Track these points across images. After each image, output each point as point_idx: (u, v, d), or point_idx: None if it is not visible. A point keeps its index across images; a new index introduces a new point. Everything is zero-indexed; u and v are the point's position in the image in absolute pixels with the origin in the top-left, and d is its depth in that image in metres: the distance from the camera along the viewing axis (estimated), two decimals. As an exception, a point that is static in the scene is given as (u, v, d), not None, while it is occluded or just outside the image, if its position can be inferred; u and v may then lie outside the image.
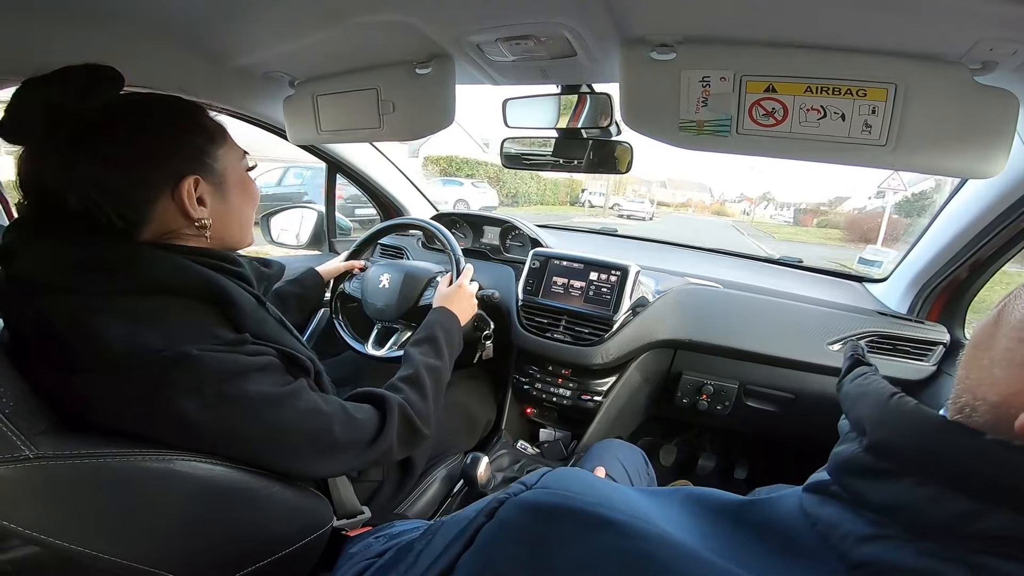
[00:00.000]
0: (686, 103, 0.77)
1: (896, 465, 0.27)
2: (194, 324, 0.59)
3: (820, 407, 1.28)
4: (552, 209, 20.31)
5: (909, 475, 0.26)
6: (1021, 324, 0.27)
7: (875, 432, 0.29)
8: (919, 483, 0.25)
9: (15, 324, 0.58)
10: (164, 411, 0.54)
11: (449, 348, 0.97)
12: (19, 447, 0.46)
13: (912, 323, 1.24)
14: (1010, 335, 0.28)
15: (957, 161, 0.68)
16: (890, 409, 0.28)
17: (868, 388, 0.31)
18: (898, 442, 0.27)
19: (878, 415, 0.29)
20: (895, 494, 0.26)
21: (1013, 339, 0.27)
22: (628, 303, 1.28)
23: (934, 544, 0.24)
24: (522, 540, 0.29)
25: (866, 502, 0.28)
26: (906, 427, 0.27)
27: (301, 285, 1.24)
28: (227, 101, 1.20)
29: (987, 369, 0.28)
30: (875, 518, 0.27)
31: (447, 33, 0.85)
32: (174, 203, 0.61)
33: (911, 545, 0.24)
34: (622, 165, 1.16)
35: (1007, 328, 0.28)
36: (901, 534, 0.25)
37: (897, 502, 0.26)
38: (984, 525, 0.23)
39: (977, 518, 0.23)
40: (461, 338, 1.05)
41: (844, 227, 24.13)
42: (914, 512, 0.25)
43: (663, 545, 0.27)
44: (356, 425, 0.70)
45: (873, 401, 0.30)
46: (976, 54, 0.64)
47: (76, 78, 0.57)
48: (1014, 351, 0.27)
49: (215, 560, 0.62)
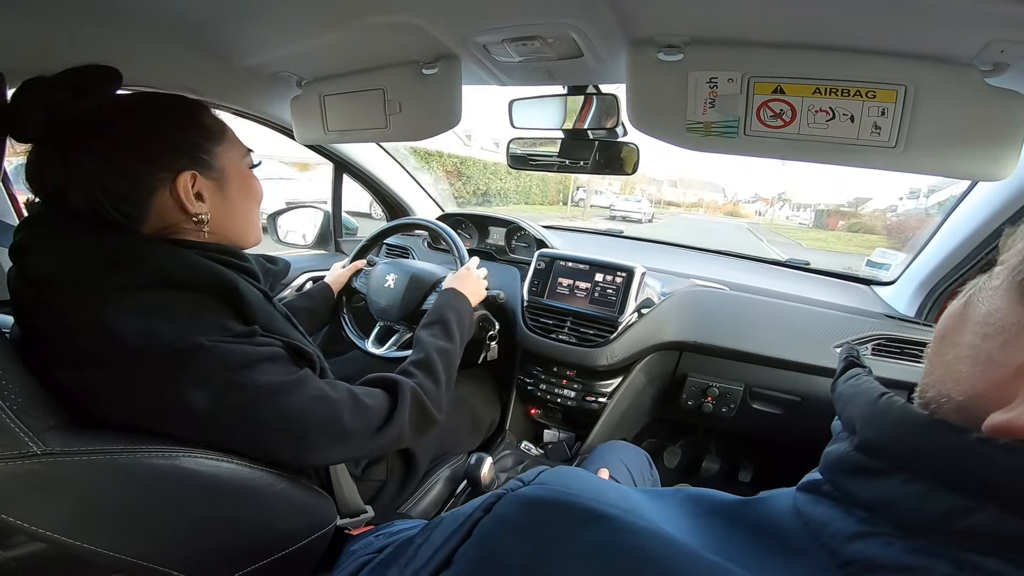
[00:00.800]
0: (693, 104, 0.77)
1: (886, 463, 0.27)
2: (205, 317, 0.60)
3: (826, 410, 1.25)
4: (528, 209, 17.42)
5: (898, 473, 0.26)
6: (986, 319, 0.27)
7: (865, 431, 0.29)
8: (907, 480, 0.26)
9: (27, 321, 0.59)
10: (175, 402, 0.55)
11: (460, 329, 0.97)
12: (27, 443, 0.47)
13: (920, 326, 1.23)
14: (975, 331, 0.27)
15: (967, 163, 0.68)
16: (879, 408, 0.29)
17: (860, 388, 0.31)
18: (887, 440, 0.27)
19: (868, 414, 0.29)
20: (884, 491, 0.26)
21: (978, 335, 0.27)
22: (633, 305, 1.27)
23: (922, 541, 0.24)
24: (518, 534, 0.29)
25: (856, 500, 0.28)
26: (894, 425, 0.27)
27: (311, 299, 1.24)
28: (235, 101, 1.21)
29: (952, 365, 0.28)
30: (865, 516, 0.27)
31: (454, 34, 0.85)
32: (172, 198, 0.62)
33: (900, 542, 0.25)
34: (628, 166, 1.15)
35: (972, 323, 0.28)
36: (890, 531, 0.25)
37: (886, 499, 0.26)
38: (970, 522, 0.23)
39: (964, 515, 0.23)
40: (472, 319, 1.05)
41: (884, 231, 22.64)
42: (903, 509, 0.25)
43: (657, 540, 0.27)
44: (366, 410, 0.70)
45: (864, 401, 0.30)
46: (987, 56, 0.63)
47: (73, 78, 0.58)
48: (979, 348, 0.27)
49: (218, 557, 0.62)
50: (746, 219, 34.07)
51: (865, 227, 26.21)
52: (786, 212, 37.34)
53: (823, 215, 32.52)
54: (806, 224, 31.06)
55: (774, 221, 33.07)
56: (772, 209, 38.09)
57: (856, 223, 28.23)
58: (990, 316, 0.27)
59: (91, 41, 0.85)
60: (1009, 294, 0.27)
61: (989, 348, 0.26)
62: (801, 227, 29.01)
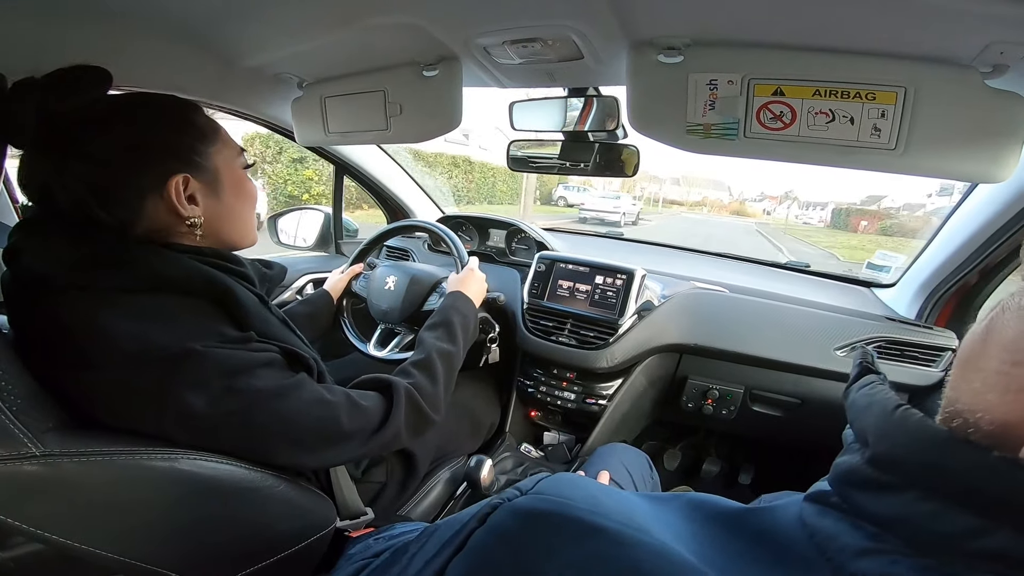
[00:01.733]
0: (693, 106, 0.77)
1: (898, 478, 0.26)
2: (200, 322, 0.60)
3: (826, 413, 1.27)
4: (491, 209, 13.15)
5: (911, 489, 0.25)
6: (1015, 345, 0.25)
7: (878, 444, 0.28)
8: (920, 497, 0.25)
9: (21, 324, 0.59)
10: (173, 407, 0.54)
11: (464, 333, 0.97)
12: (26, 444, 0.46)
13: (921, 329, 1.23)
14: (1002, 357, 0.26)
15: (967, 165, 0.68)
16: (894, 421, 0.27)
17: (874, 399, 0.30)
18: (901, 455, 0.27)
19: (882, 426, 0.28)
20: (896, 508, 0.26)
21: (1006, 362, 0.25)
22: (634, 307, 1.27)
23: (931, 560, 0.23)
24: (512, 545, 0.29)
25: (866, 515, 0.27)
26: (910, 440, 0.26)
27: (311, 305, 1.24)
28: (236, 102, 1.21)
29: (980, 394, 0.26)
30: (874, 531, 0.26)
31: (455, 35, 0.85)
32: (164, 201, 0.61)
33: (908, 560, 0.24)
34: (629, 168, 1.15)
35: (997, 348, 0.26)
36: (899, 548, 0.25)
37: (897, 516, 0.25)
38: (985, 543, 0.22)
39: (979, 535, 0.22)
40: (477, 322, 1.05)
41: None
42: (914, 527, 0.25)
43: (653, 554, 0.27)
44: (362, 413, 0.70)
45: (878, 412, 0.29)
46: (987, 57, 0.63)
47: (63, 79, 0.58)
48: (1010, 376, 0.25)
49: (218, 559, 0.62)
50: (754, 218, 31.55)
51: (903, 228, 22.55)
52: (794, 211, 35.02)
53: (843, 215, 28.79)
54: (813, 223, 28.57)
55: (789, 224, 29.26)
56: (781, 208, 35.83)
57: (891, 224, 24.52)
58: (1020, 340, 0.25)
59: (88, 41, 0.85)
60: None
61: (1022, 375, 0.25)
62: (819, 228, 26.24)
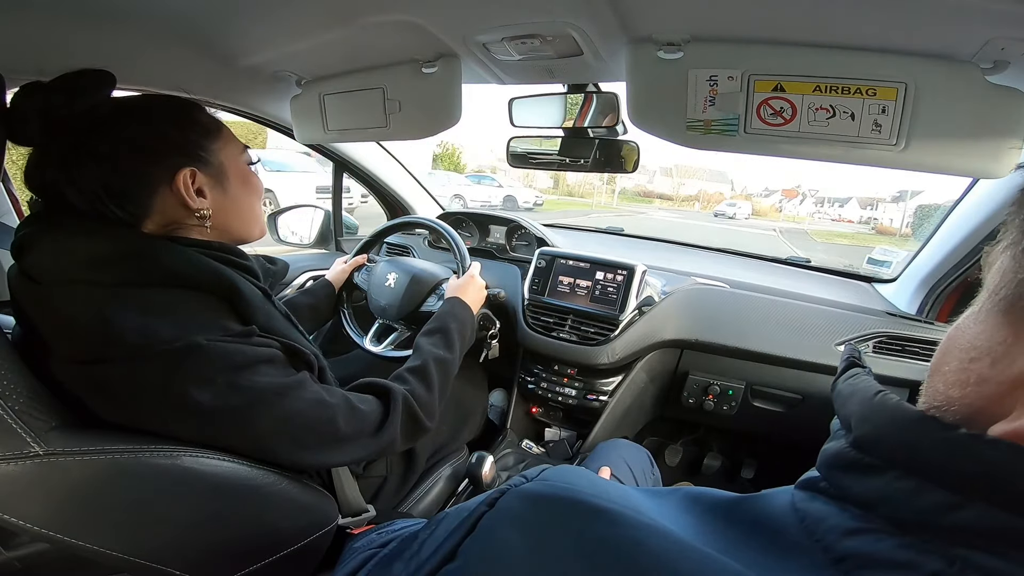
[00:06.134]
0: (693, 102, 0.77)
1: (879, 459, 0.28)
2: (204, 316, 0.61)
3: (827, 408, 1.25)
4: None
5: (891, 469, 0.27)
6: (972, 343, 0.28)
7: (860, 427, 0.29)
8: (899, 476, 0.26)
9: (28, 319, 0.59)
10: (176, 401, 0.55)
11: (461, 339, 0.98)
12: (29, 443, 0.47)
13: (921, 324, 1.23)
14: (961, 356, 0.28)
15: (968, 161, 0.68)
16: (874, 405, 0.29)
17: (857, 387, 0.32)
18: (880, 436, 0.28)
19: (863, 411, 0.30)
20: (878, 488, 0.27)
21: (964, 360, 0.28)
22: (634, 303, 1.27)
23: (913, 537, 0.24)
24: (520, 527, 0.30)
25: (851, 496, 0.28)
26: (888, 422, 0.28)
27: (313, 295, 1.25)
28: (235, 100, 1.21)
29: (943, 393, 0.29)
30: (859, 512, 0.27)
31: (454, 33, 0.85)
32: (173, 195, 0.63)
33: (892, 538, 0.25)
34: (628, 164, 1.15)
35: (957, 350, 0.29)
36: (883, 527, 0.26)
37: (879, 495, 0.27)
38: (959, 517, 0.23)
39: (952, 510, 0.23)
40: (474, 329, 1.06)
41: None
42: (896, 505, 0.26)
43: (654, 534, 0.28)
44: (360, 416, 0.70)
45: (860, 398, 0.31)
46: (987, 53, 0.63)
47: (68, 82, 0.59)
48: (968, 371, 0.28)
49: (221, 556, 0.62)
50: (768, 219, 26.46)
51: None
52: (807, 207, 31.84)
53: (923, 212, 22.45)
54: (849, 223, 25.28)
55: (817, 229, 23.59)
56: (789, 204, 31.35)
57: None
58: (976, 339, 0.28)
59: (89, 42, 0.85)
60: (992, 316, 0.27)
61: (979, 369, 0.27)
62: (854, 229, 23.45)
